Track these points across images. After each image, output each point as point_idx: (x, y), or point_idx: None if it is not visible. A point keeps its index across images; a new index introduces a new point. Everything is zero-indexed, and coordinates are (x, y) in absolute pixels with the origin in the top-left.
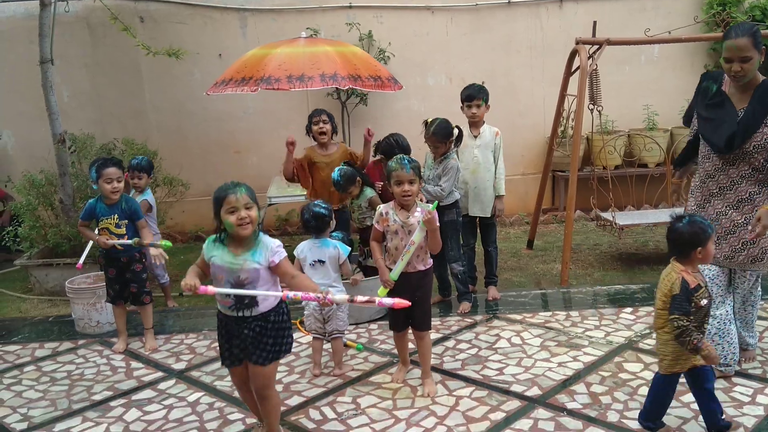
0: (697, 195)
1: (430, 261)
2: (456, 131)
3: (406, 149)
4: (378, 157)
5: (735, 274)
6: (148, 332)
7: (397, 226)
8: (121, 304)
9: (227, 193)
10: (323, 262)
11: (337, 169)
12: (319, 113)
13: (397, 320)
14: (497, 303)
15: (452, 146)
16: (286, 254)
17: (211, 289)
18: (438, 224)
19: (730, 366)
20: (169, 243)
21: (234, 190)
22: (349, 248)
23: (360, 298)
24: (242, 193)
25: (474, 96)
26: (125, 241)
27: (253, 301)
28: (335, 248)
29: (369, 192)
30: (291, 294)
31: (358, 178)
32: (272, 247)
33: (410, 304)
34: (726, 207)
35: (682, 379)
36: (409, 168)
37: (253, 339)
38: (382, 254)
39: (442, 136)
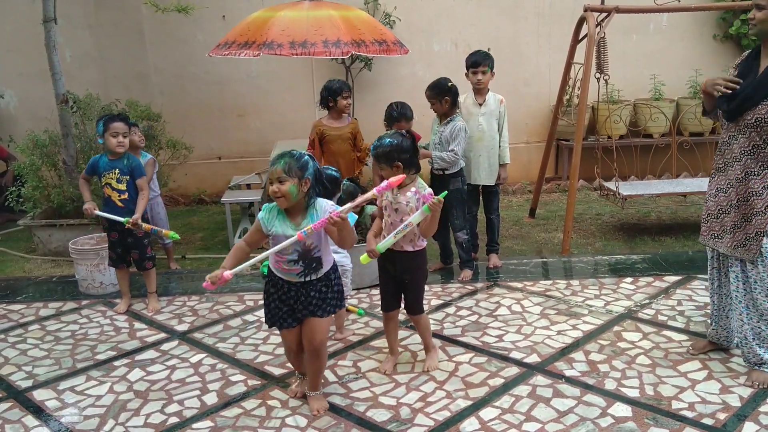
0: (713, 166)
1: (422, 243)
2: (453, 88)
3: (402, 117)
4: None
5: (730, 266)
6: (151, 295)
7: (387, 202)
8: (123, 267)
9: (271, 165)
10: None
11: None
12: (348, 88)
13: (386, 298)
14: (498, 271)
15: (454, 107)
16: (336, 211)
17: (228, 273)
18: (439, 212)
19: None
20: (176, 235)
21: (275, 162)
22: (356, 216)
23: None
24: (278, 167)
25: (479, 62)
26: (116, 218)
27: (319, 264)
28: None
29: (369, 209)
30: (306, 230)
31: (359, 194)
32: (325, 208)
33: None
34: (727, 184)
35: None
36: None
37: (318, 299)
38: (374, 229)
39: (434, 91)
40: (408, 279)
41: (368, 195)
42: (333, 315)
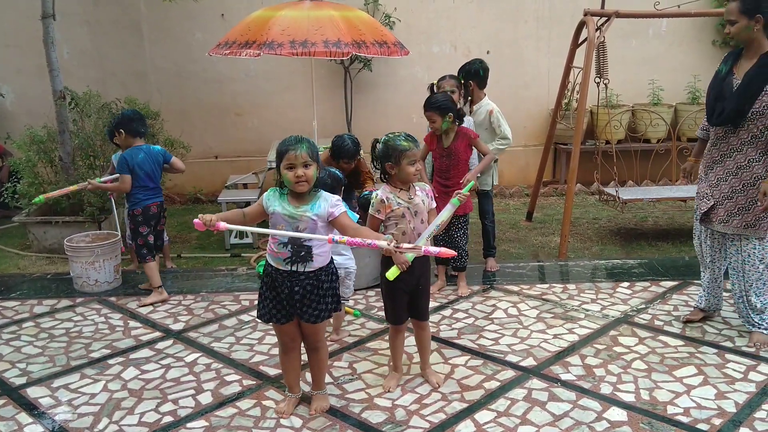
0: (704, 162)
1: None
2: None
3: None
4: None
5: (727, 241)
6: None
7: (403, 209)
8: (150, 258)
9: (288, 149)
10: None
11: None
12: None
13: (400, 310)
14: (494, 274)
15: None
16: (345, 209)
17: (223, 225)
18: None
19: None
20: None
21: (295, 147)
22: (357, 216)
23: (407, 246)
24: (302, 151)
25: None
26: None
27: (308, 255)
28: None
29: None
30: (337, 237)
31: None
32: (332, 201)
33: (455, 253)
34: (726, 174)
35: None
36: (419, 145)
37: (302, 297)
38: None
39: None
40: (423, 284)
41: (382, 243)
42: (326, 319)
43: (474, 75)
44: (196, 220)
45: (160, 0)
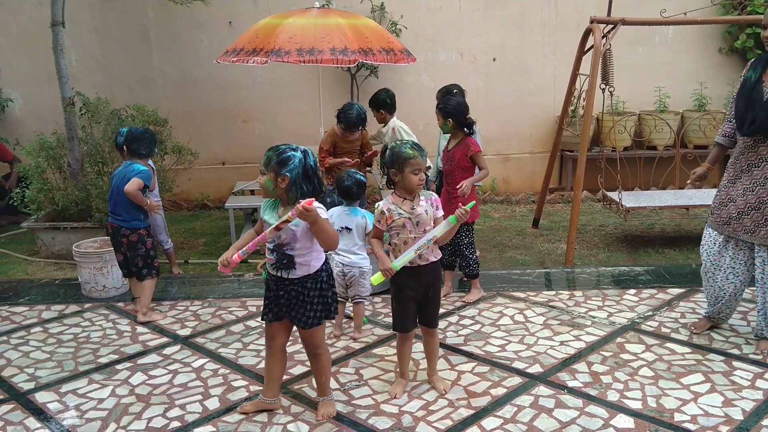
0: (730, 171)
1: (439, 252)
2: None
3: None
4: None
5: (757, 252)
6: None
7: (404, 219)
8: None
9: None
10: (350, 229)
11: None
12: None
13: (408, 318)
14: (500, 279)
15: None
16: (326, 216)
17: (235, 257)
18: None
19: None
20: None
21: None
22: (372, 215)
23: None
24: (262, 162)
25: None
26: None
27: (290, 263)
28: (363, 217)
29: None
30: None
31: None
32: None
33: (313, 200)
34: (753, 183)
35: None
36: (425, 154)
37: (288, 301)
38: (382, 248)
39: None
40: (432, 292)
41: (284, 217)
42: (317, 327)
43: (383, 104)
44: (219, 268)
45: (168, 7)
